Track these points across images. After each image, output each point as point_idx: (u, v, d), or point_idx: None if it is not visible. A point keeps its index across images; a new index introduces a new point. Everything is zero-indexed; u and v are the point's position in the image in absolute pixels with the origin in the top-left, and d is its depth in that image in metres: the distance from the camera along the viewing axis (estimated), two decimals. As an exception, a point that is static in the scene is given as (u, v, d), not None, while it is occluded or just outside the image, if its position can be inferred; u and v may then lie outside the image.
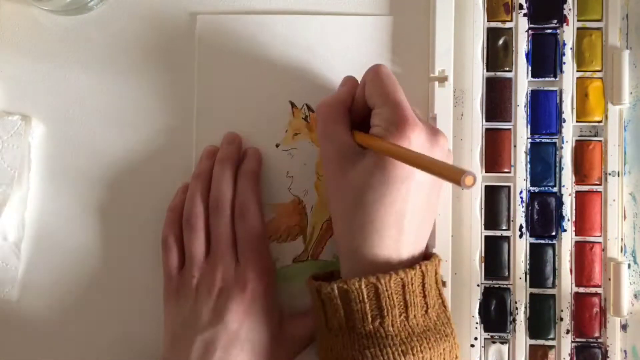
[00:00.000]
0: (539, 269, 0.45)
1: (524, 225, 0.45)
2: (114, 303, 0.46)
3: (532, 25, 0.46)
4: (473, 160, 0.45)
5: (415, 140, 0.37)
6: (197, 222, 0.43)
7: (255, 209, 0.43)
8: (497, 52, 0.46)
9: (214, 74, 0.46)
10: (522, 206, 0.45)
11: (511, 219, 0.45)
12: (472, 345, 0.44)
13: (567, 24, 0.46)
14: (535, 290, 0.45)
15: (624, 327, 0.45)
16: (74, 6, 0.45)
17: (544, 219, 0.45)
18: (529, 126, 0.45)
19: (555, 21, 0.46)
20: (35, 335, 0.46)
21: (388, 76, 0.39)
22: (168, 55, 0.47)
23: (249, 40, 0.46)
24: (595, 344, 0.45)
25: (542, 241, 0.45)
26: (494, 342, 0.44)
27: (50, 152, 0.46)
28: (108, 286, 0.46)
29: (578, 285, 0.45)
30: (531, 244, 0.45)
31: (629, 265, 0.45)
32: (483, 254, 0.45)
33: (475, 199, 0.45)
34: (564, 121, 0.45)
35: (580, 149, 0.45)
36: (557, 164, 0.45)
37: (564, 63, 0.46)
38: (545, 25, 0.46)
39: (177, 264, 0.43)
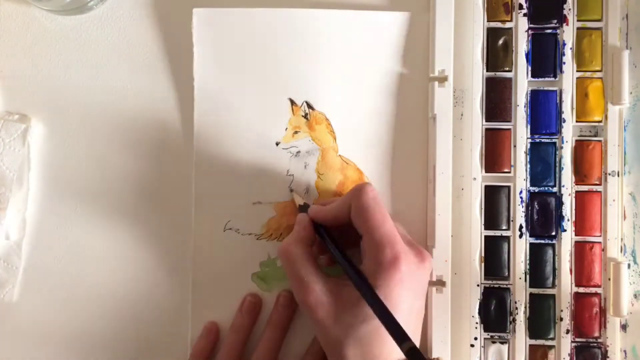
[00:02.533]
0: (539, 269, 0.45)
1: (523, 225, 0.45)
2: (114, 302, 0.46)
3: (532, 25, 0.46)
4: (473, 160, 0.45)
5: (406, 272, 0.38)
6: None
7: None
8: (497, 52, 0.46)
9: (213, 71, 0.46)
10: (522, 206, 0.45)
11: (511, 219, 0.45)
12: (472, 345, 0.44)
13: (567, 24, 0.46)
14: (535, 290, 0.45)
15: (623, 327, 0.45)
16: (74, 6, 0.45)
17: (543, 218, 0.45)
18: (528, 126, 0.45)
19: (555, 21, 0.46)
20: (35, 335, 0.46)
21: (374, 204, 0.39)
22: (168, 54, 0.47)
23: (247, 36, 0.46)
24: (595, 344, 0.45)
25: (542, 241, 0.45)
26: (493, 342, 0.45)
27: (50, 152, 0.46)
28: (108, 286, 0.46)
29: (578, 285, 0.45)
30: (531, 244, 0.45)
31: (629, 265, 0.45)
32: (483, 254, 0.45)
33: (475, 199, 0.45)
34: (564, 121, 0.45)
35: (580, 149, 0.45)
36: (557, 164, 0.45)
37: (564, 63, 0.46)
38: (545, 25, 0.46)
39: None
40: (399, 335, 0.35)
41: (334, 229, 0.42)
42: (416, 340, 0.40)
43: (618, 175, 0.45)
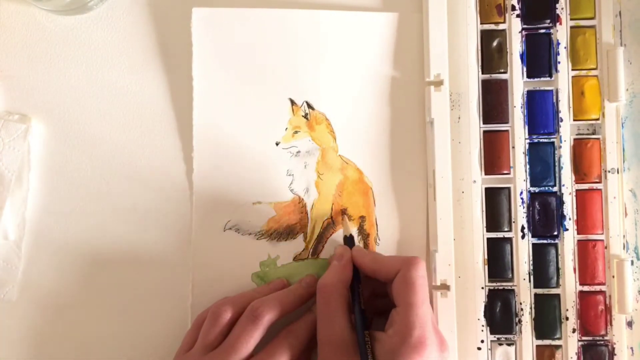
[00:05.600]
0: (543, 269, 0.45)
1: (525, 225, 0.45)
2: (114, 303, 0.46)
3: (525, 26, 0.46)
4: (472, 163, 0.45)
5: (428, 357, 0.37)
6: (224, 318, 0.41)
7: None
8: (491, 54, 0.46)
9: (212, 70, 0.46)
10: (523, 207, 0.45)
11: (512, 220, 0.45)
12: (479, 349, 0.44)
13: (560, 23, 0.46)
14: (540, 291, 0.45)
15: (629, 324, 0.44)
16: (74, 6, 0.45)
17: (545, 218, 0.45)
18: (526, 127, 0.45)
19: (548, 21, 0.46)
20: (35, 335, 0.46)
21: (422, 282, 0.39)
22: (168, 54, 0.47)
23: (246, 35, 0.46)
24: (602, 342, 0.44)
25: (545, 241, 0.45)
26: (500, 344, 0.44)
27: (50, 152, 0.46)
28: (108, 285, 0.46)
29: (582, 283, 0.45)
30: (533, 245, 0.45)
31: (632, 262, 0.45)
32: (486, 256, 0.45)
33: (475, 201, 0.45)
34: (561, 120, 0.45)
35: (579, 148, 0.45)
36: (556, 164, 0.45)
37: (559, 62, 0.46)
38: (539, 26, 0.46)
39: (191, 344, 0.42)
40: None
41: (364, 287, 0.42)
42: None
43: (617, 172, 0.45)
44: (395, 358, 0.37)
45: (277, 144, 0.46)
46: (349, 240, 0.44)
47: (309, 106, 0.46)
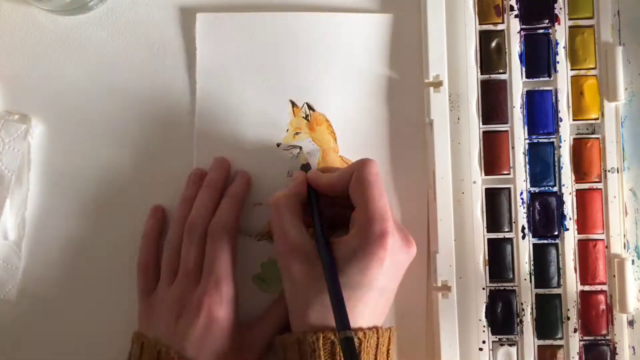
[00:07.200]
0: (543, 269, 0.45)
1: (526, 226, 0.45)
2: (114, 303, 0.45)
3: (523, 26, 0.46)
4: (472, 163, 0.45)
5: (390, 251, 0.38)
6: (174, 245, 0.43)
7: (226, 232, 0.42)
8: (490, 55, 0.46)
9: (214, 73, 0.46)
10: (523, 207, 0.45)
11: (513, 220, 0.45)
12: (481, 349, 0.44)
13: (559, 23, 0.46)
14: (541, 291, 0.45)
15: (630, 323, 0.44)
16: (74, 6, 0.45)
17: (545, 219, 0.45)
18: (526, 127, 0.45)
19: (546, 21, 0.46)
20: (34, 335, 0.45)
21: (375, 179, 0.39)
22: (168, 54, 0.47)
23: (248, 39, 0.46)
24: (604, 342, 0.44)
25: (545, 241, 0.45)
26: (502, 345, 0.44)
27: (50, 151, 0.46)
28: (108, 286, 0.46)
29: (583, 283, 0.45)
30: (534, 245, 0.45)
31: (633, 261, 0.45)
32: (487, 257, 0.45)
33: (476, 202, 0.45)
34: (561, 120, 0.45)
35: (579, 147, 0.45)
36: (556, 164, 0.45)
37: (558, 62, 0.46)
38: (537, 26, 0.46)
39: (150, 286, 0.44)
40: (342, 321, 0.36)
41: (324, 205, 0.42)
42: (380, 322, 0.40)
43: (617, 172, 0.45)
44: (357, 254, 0.37)
45: (278, 145, 0.46)
46: (304, 166, 0.45)
47: (310, 107, 0.46)
